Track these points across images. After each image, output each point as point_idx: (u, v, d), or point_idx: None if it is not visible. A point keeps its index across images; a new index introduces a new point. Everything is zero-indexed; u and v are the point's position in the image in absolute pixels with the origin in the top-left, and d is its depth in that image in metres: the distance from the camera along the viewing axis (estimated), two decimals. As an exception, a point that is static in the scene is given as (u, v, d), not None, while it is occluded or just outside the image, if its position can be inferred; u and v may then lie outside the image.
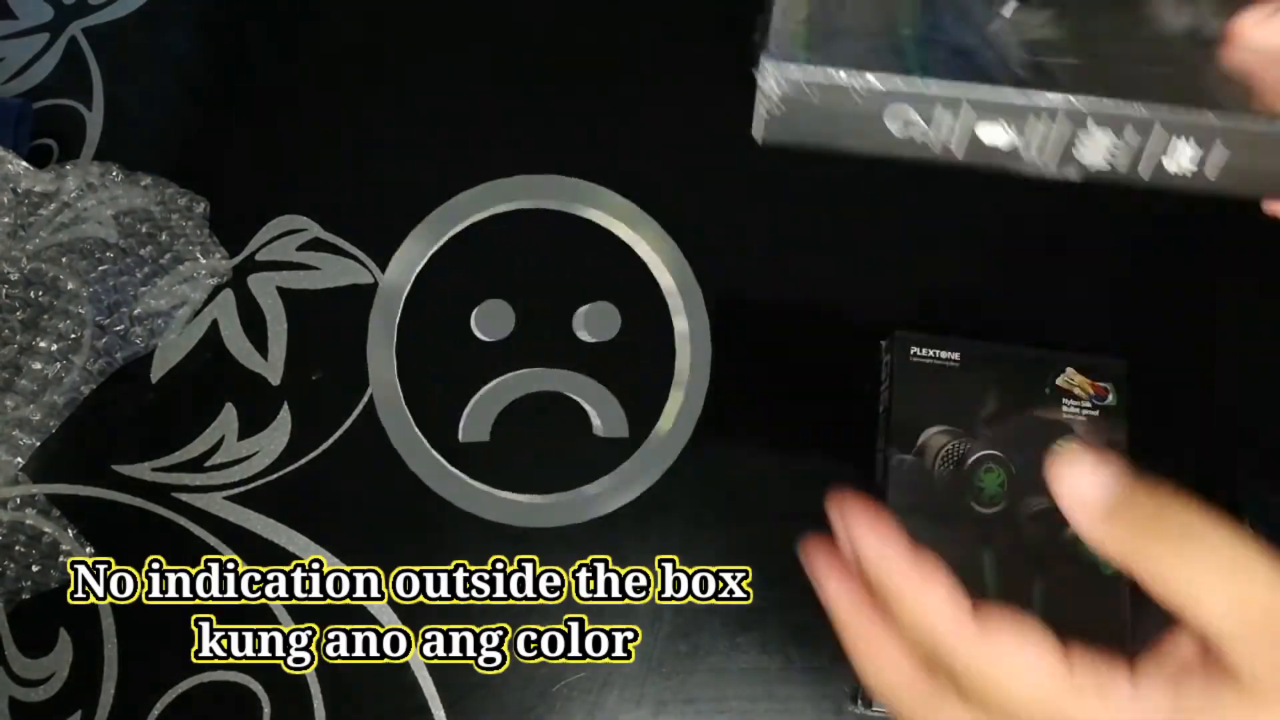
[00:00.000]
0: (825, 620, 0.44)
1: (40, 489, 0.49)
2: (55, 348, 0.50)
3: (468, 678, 0.44)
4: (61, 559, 0.47)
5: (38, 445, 0.49)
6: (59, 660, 0.45)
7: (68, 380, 0.50)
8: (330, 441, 0.49)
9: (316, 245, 0.53)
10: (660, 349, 0.50)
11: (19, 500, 0.48)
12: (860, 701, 0.41)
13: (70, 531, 0.48)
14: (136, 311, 0.52)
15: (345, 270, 0.53)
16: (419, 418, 0.49)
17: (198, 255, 0.53)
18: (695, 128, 0.54)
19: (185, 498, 0.48)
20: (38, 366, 0.50)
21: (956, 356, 0.45)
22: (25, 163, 0.53)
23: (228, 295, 0.52)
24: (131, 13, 0.60)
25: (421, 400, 0.50)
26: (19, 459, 0.49)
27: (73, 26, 0.60)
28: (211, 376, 0.51)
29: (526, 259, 0.53)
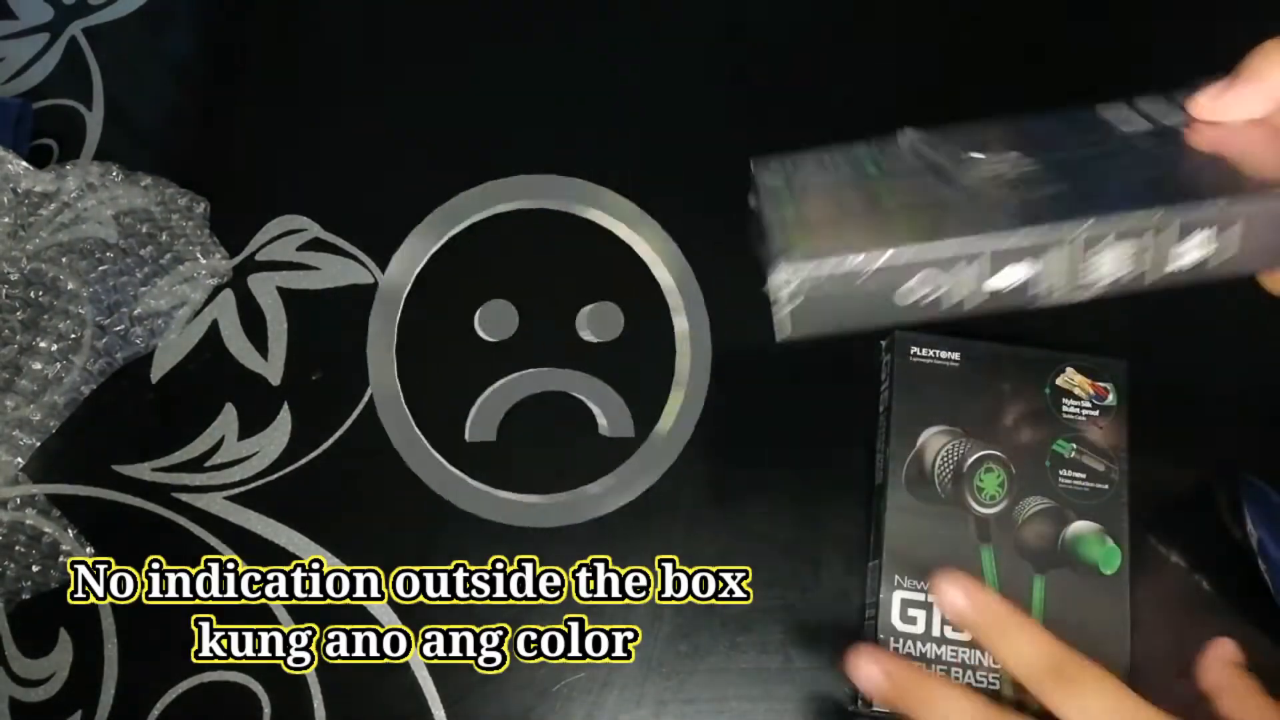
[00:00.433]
0: (825, 621, 0.44)
1: (40, 489, 0.49)
2: (55, 348, 0.50)
3: (468, 678, 0.44)
4: (62, 559, 0.47)
5: (38, 445, 0.49)
6: (59, 660, 0.45)
7: (68, 380, 0.50)
8: (330, 441, 0.49)
9: (316, 245, 0.53)
10: (661, 349, 0.50)
11: (19, 500, 0.48)
12: (860, 702, 0.41)
13: (70, 531, 0.48)
14: (137, 311, 0.52)
15: (345, 270, 0.53)
16: (420, 418, 0.49)
17: (198, 255, 0.53)
18: (697, 126, 0.54)
19: (185, 498, 0.48)
20: (38, 366, 0.50)
21: (956, 356, 0.45)
22: (25, 163, 0.53)
23: (228, 295, 0.52)
24: (131, 13, 0.60)
25: (423, 400, 0.50)
26: (19, 459, 0.49)
27: (73, 26, 0.60)
28: (211, 377, 0.51)
29: (528, 259, 0.53)
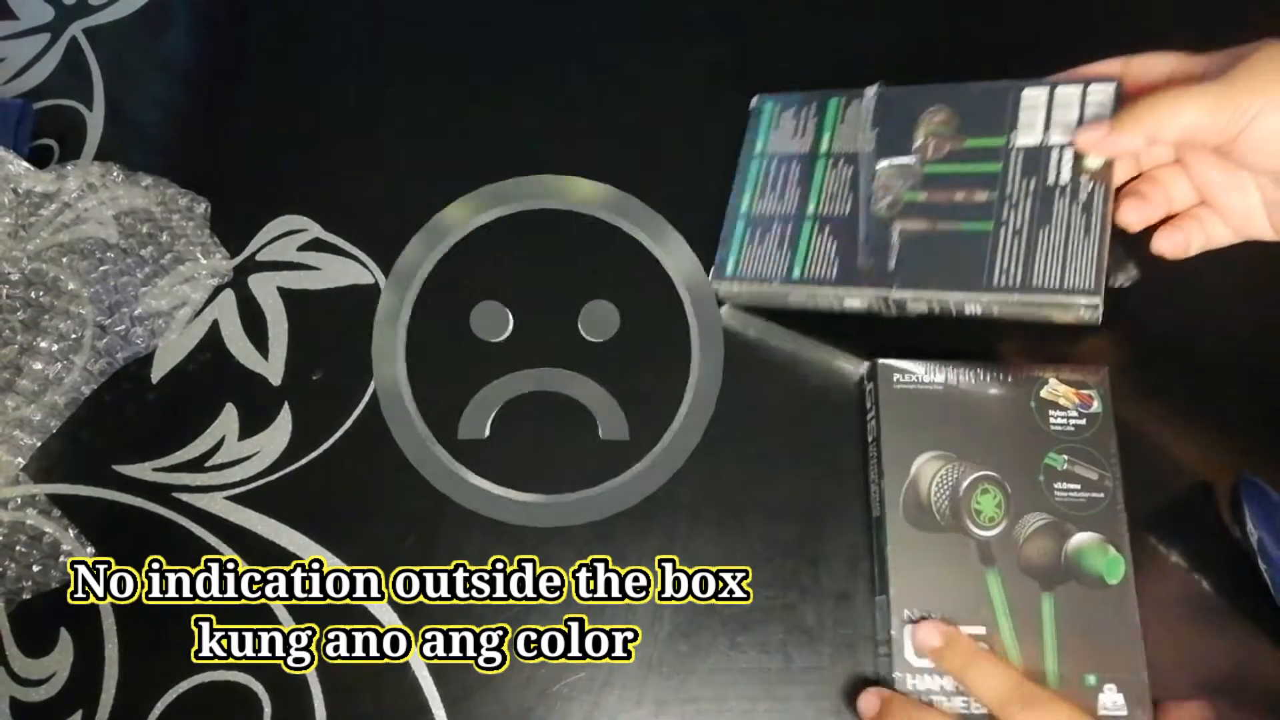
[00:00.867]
0: (825, 621, 0.44)
1: (41, 489, 0.49)
2: (56, 348, 0.50)
3: (468, 678, 0.44)
4: (62, 559, 0.47)
5: (39, 445, 0.49)
6: (60, 660, 0.45)
7: (68, 380, 0.50)
8: (331, 441, 0.49)
9: (317, 245, 0.53)
10: (667, 350, 0.50)
11: (20, 500, 0.48)
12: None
13: (71, 531, 0.48)
14: (137, 312, 0.52)
15: (346, 270, 0.53)
16: (424, 417, 0.49)
17: (198, 255, 0.53)
18: (700, 126, 0.54)
19: (186, 498, 0.48)
20: (39, 367, 0.50)
21: (940, 380, 0.44)
22: (26, 163, 0.53)
23: (228, 295, 0.53)
24: (132, 13, 0.60)
25: (424, 400, 0.50)
26: (20, 459, 0.49)
27: (73, 27, 0.60)
28: (212, 377, 0.51)
29: (531, 259, 0.53)
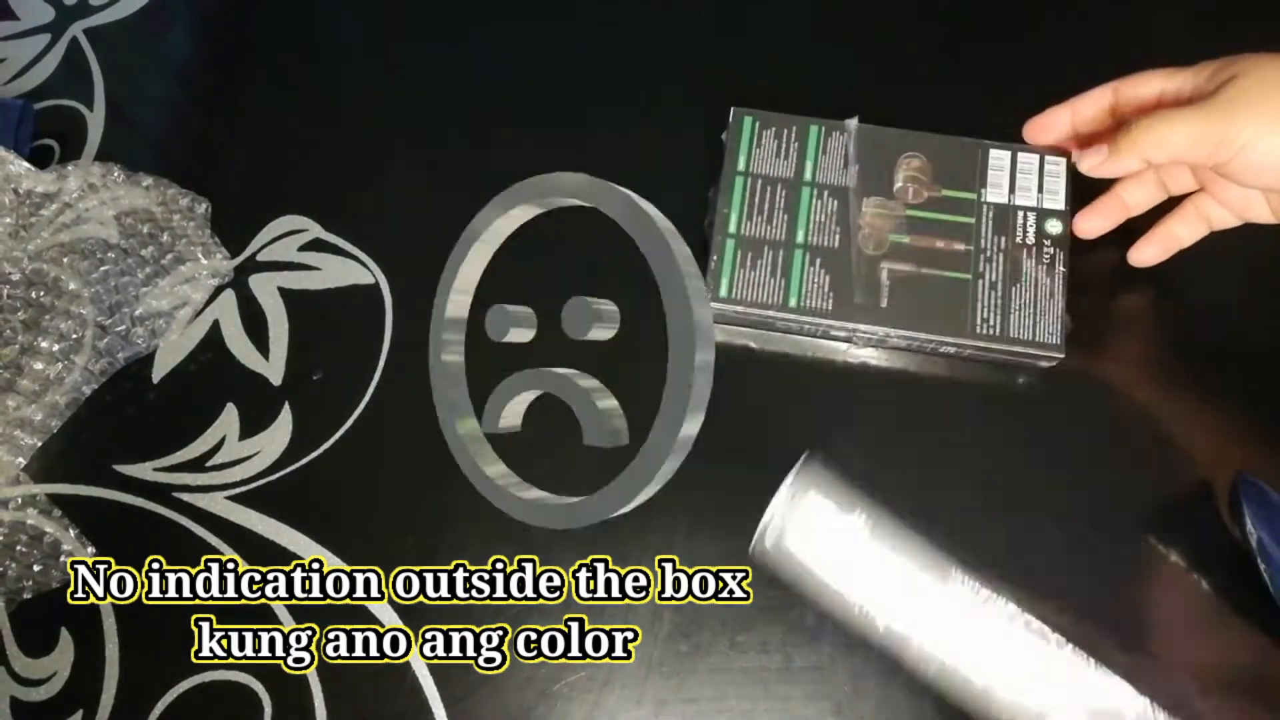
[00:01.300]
0: (825, 620, 0.44)
1: (42, 489, 0.49)
2: (57, 348, 0.50)
3: (468, 678, 0.44)
4: (63, 559, 0.47)
5: (39, 445, 0.49)
6: (60, 660, 0.46)
7: (69, 380, 0.50)
8: (331, 441, 0.49)
9: (318, 246, 0.53)
10: (665, 350, 0.50)
11: (21, 500, 0.48)
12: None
13: (72, 531, 0.48)
14: (138, 312, 0.52)
15: (346, 270, 0.53)
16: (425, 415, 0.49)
17: (199, 256, 0.53)
18: (701, 124, 0.54)
19: (186, 498, 0.48)
20: (39, 367, 0.50)
21: None
22: (27, 163, 0.53)
23: (229, 296, 0.53)
24: (132, 13, 0.60)
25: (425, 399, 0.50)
26: (21, 459, 0.49)
27: (74, 27, 0.60)
28: (213, 377, 0.51)
29: (531, 260, 0.53)
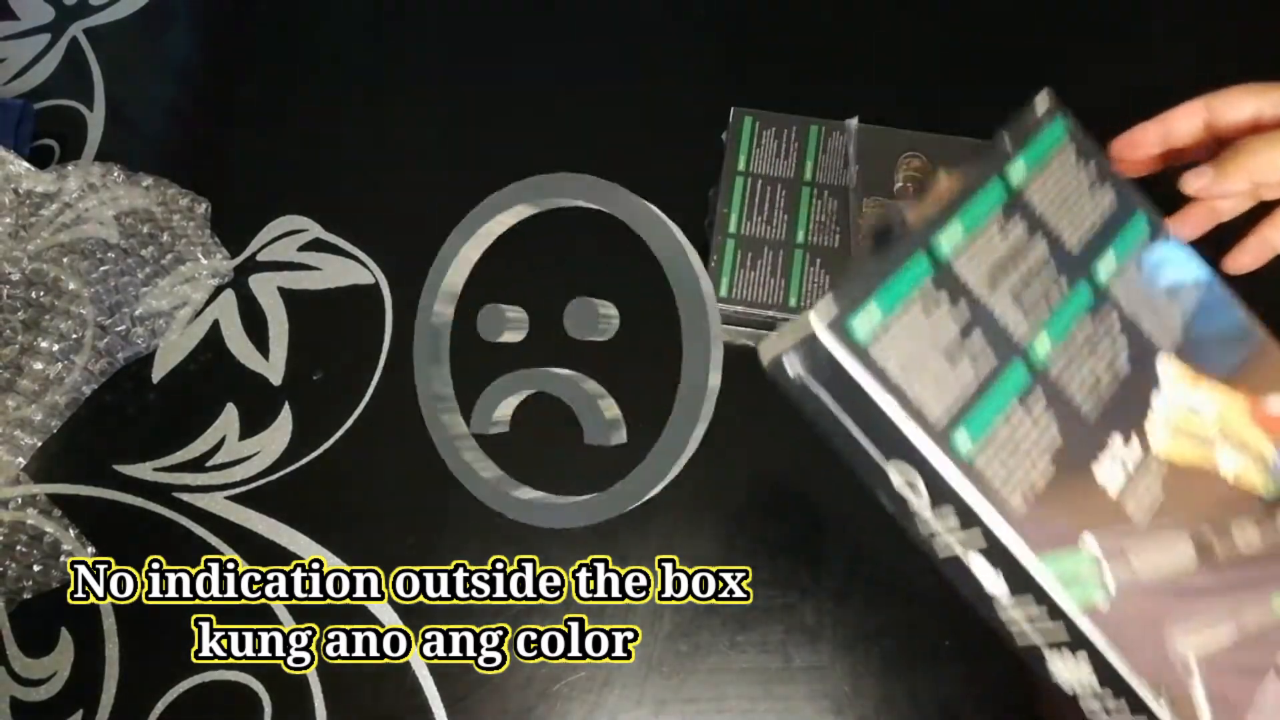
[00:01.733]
0: (824, 620, 0.44)
1: (42, 489, 0.49)
2: (57, 348, 0.50)
3: (468, 678, 0.44)
4: (63, 559, 0.47)
5: (39, 445, 0.49)
6: (60, 660, 0.46)
7: (69, 380, 0.50)
8: (331, 441, 0.49)
9: (318, 246, 0.53)
10: (666, 350, 0.50)
11: (20, 500, 0.48)
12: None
13: (71, 531, 0.48)
14: (138, 312, 0.52)
15: (346, 270, 0.53)
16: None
17: (199, 256, 0.53)
18: (704, 123, 0.54)
19: (186, 498, 0.48)
20: (39, 367, 0.50)
21: None
22: (27, 163, 0.53)
23: (229, 296, 0.53)
24: (132, 13, 0.60)
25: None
26: (21, 459, 0.49)
27: (74, 27, 0.60)
28: (213, 377, 0.51)
29: (531, 259, 0.53)
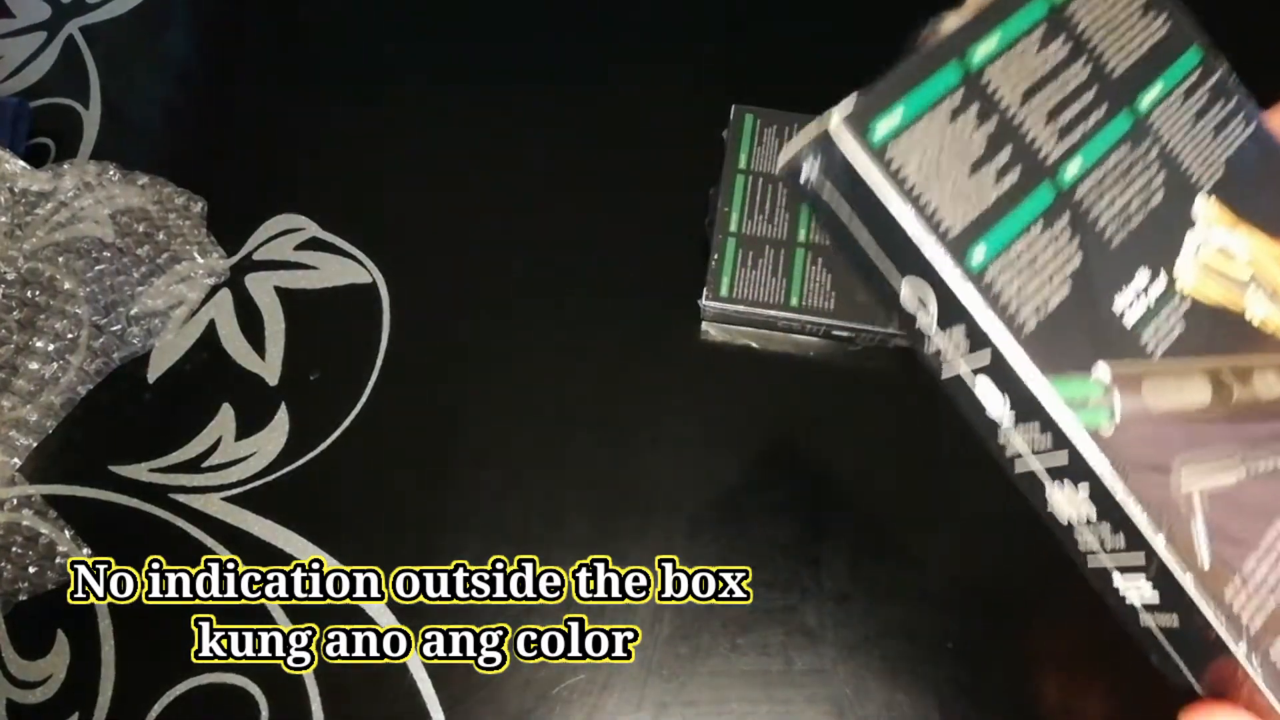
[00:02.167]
0: (826, 622, 0.44)
1: (37, 490, 0.48)
2: (52, 348, 0.50)
3: (466, 680, 0.44)
4: (58, 560, 0.47)
5: (34, 446, 0.49)
6: (56, 662, 0.45)
7: (64, 381, 0.50)
8: (329, 442, 0.49)
9: (314, 245, 0.53)
10: (663, 350, 0.50)
11: (15, 501, 0.48)
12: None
13: (67, 532, 0.47)
14: (133, 311, 0.52)
15: (343, 270, 0.52)
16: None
17: (195, 255, 0.52)
18: (704, 124, 0.54)
19: (183, 498, 0.48)
20: (34, 367, 0.50)
21: None
22: (22, 162, 0.53)
23: (225, 295, 0.52)
24: (128, 11, 0.60)
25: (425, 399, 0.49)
26: (16, 459, 0.49)
27: (70, 25, 0.59)
28: (209, 377, 0.50)
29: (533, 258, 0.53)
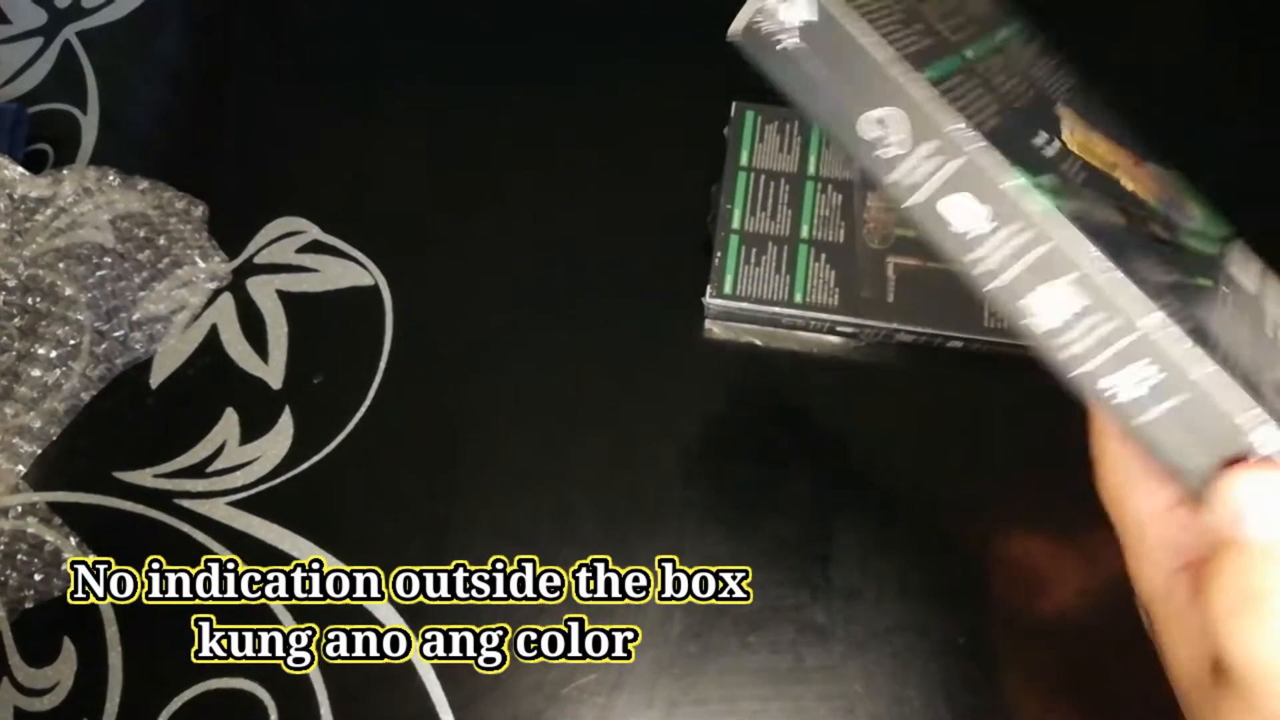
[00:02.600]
0: (835, 619, 0.43)
1: (42, 497, 0.48)
2: (54, 354, 0.50)
3: (476, 682, 0.43)
4: (64, 567, 0.47)
5: (38, 453, 0.49)
6: (63, 669, 0.45)
7: (67, 387, 0.50)
8: (333, 445, 0.48)
9: (316, 247, 0.53)
10: (665, 349, 0.49)
11: (20, 509, 0.48)
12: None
13: (72, 539, 0.47)
14: (135, 316, 0.51)
15: (345, 272, 0.52)
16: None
17: (196, 259, 0.52)
18: (705, 121, 0.53)
19: (187, 504, 0.48)
20: (37, 373, 0.50)
21: None
22: (21, 168, 0.53)
23: (227, 299, 0.52)
24: (125, 16, 0.60)
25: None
26: (20, 467, 0.49)
27: (67, 30, 0.59)
28: (212, 381, 0.50)
29: (532, 258, 0.52)
